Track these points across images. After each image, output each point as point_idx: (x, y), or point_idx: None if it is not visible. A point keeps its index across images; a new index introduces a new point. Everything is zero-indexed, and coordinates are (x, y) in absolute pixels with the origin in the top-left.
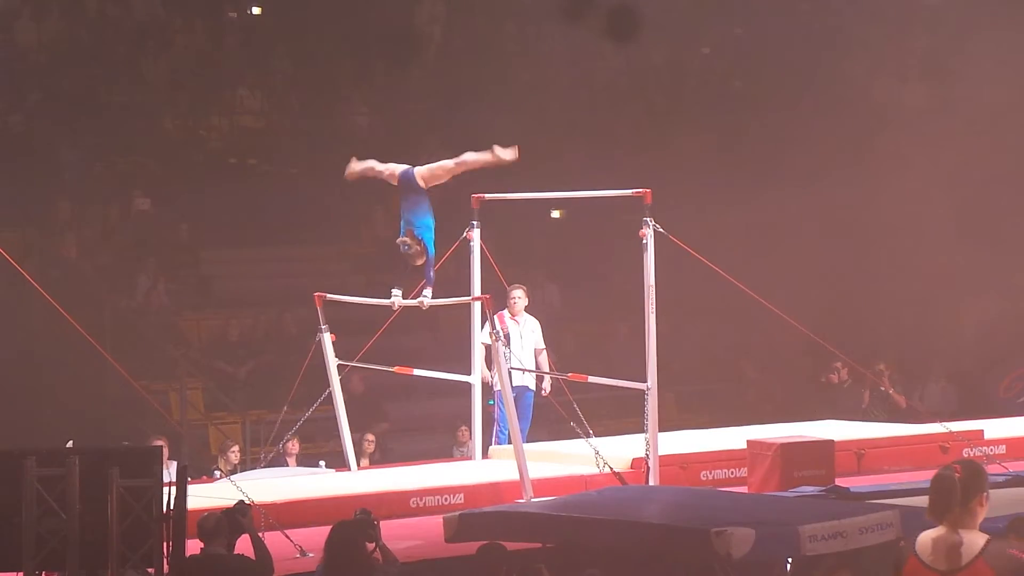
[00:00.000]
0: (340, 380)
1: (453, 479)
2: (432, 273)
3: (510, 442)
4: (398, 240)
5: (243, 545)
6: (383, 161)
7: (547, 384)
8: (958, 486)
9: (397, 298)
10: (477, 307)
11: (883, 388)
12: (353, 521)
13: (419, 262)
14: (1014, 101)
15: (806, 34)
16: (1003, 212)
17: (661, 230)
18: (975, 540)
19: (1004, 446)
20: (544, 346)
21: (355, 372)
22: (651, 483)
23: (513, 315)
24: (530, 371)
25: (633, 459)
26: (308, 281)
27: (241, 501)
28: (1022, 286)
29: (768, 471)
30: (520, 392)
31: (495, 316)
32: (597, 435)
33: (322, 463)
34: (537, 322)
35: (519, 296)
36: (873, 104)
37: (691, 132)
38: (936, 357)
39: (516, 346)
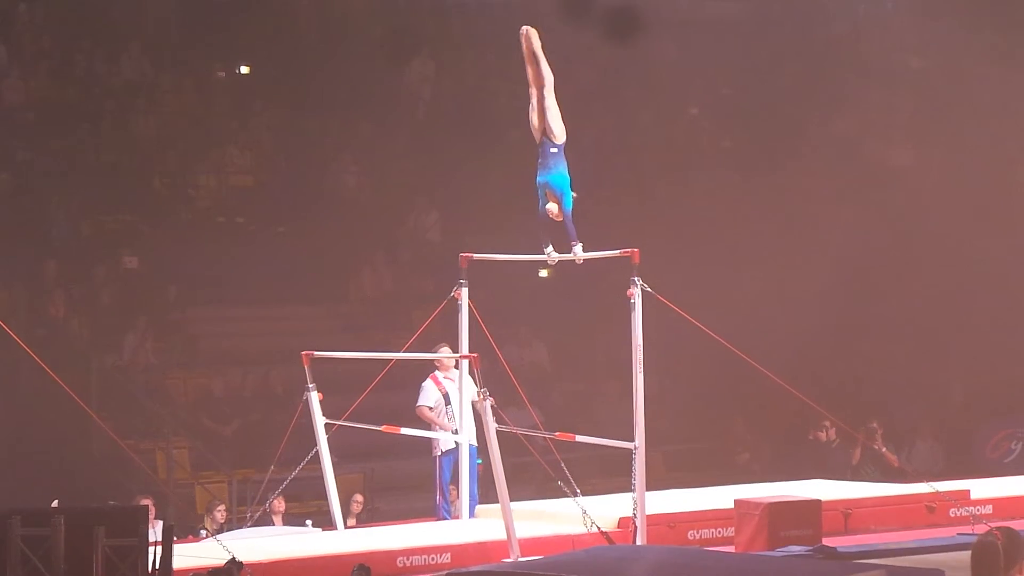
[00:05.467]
0: (327, 439)
1: (440, 538)
2: (573, 228)
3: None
4: (542, 210)
5: None
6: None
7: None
8: (1001, 553)
9: (550, 252)
10: (465, 365)
11: (875, 447)
12: None
13: (558, 218)
14: (1006, 159)
15: (794, 94)
16: (994, 271)
17: (649, 290)
18: None
19: (991, 506)
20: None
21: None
22: (638, 543)
23: (446, 373)
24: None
25: (620, 518)
26: (295, 340)
27: (232, 559)
28: (1012, 346)
29: (755, 531)
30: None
31: (430, 379)
32: (584, 494)
33: (308, 522)
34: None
35: (449, 352)
36: (863, 163)
37: (679, 192)
38: (924, 416)
39: (455, 402)
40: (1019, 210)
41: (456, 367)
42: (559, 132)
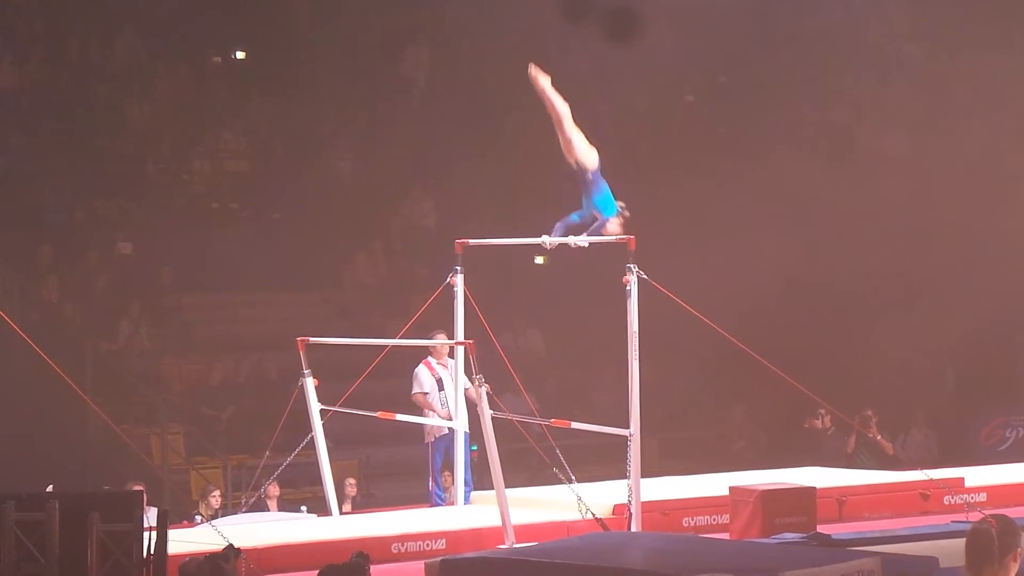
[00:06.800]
0: (322, 425)
1: (435, 524)
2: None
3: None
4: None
5: None
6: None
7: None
8: (996, 540)
9: (545, 239)
10: (460, 352)
11: (870, 435)
12: (341, 566)
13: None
14: (1000, 147)
15: (789, 81)
16: (990, 259)
17: (645, 276)
18: None
19: (984, 494)
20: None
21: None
22: (633, 529)
23: (440, 360)
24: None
25: (615, 505)
26: (290, 326)
27: (230, 546)
28: (1006, 335)
29: (750, 518)
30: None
31: (423, 364)
32: (580, 481)
33: (303, 508)
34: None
35: (445, 339)
36: (858, 150)
37: (675, 179)
38: (918, 405)
39: (449, 389)
40: (1014, 197)
41: (451, 354)
42: (588, 160)
